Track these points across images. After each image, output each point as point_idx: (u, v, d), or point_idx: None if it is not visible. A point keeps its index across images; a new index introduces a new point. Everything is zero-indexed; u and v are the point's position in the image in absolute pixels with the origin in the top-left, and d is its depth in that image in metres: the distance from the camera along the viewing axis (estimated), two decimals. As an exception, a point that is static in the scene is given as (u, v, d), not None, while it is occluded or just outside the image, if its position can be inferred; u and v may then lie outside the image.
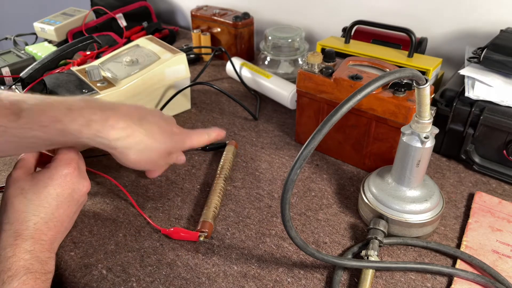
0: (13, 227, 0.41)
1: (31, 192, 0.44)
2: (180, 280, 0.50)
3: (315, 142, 0.39)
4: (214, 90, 0.95)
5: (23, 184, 0.44)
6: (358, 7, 0.97)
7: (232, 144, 0.72)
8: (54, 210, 0.45)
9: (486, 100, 0.62)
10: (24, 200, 0.43)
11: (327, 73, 0.65)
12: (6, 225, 0.41)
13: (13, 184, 0.44)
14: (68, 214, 0.47)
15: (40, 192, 0.44)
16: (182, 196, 0.64)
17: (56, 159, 0.47)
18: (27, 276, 0.39)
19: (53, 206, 0.45)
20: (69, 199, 0.47)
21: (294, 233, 0.44)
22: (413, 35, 0.73)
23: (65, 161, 0.47)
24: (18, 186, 0.44)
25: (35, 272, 0.40)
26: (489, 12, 0.80)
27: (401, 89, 0.59)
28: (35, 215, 0.43)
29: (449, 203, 0.62)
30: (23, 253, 0.40)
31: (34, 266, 0.40)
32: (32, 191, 0.44)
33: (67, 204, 0.47)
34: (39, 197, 0.44)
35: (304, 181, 0.67)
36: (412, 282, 0.50)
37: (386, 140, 0.63)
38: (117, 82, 0.74)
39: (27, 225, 0.42)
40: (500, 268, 0.51)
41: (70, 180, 0.47)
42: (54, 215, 0.45)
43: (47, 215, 0.44)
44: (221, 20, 1.04)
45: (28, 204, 0.43)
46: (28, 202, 0.43)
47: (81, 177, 0.49)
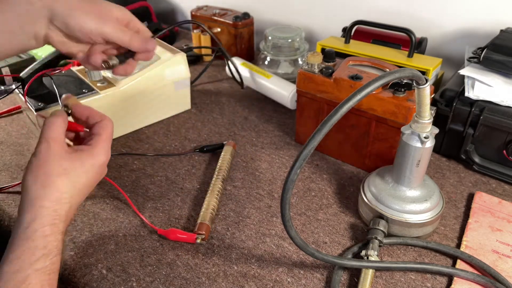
0: (54, 206, 0.41)
1: (74, 175, 0.43)
2: (180, 280, 0.50)
3: (315, 142, 0.39)
4: (214, 90, 0.95)
5: (65, 163, 0.43)
6: (358, 7, 0.97)
7: (230, 144, 0.72)
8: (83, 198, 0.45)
9: (486, 100, 0.62)
10: (67, 182, 0.42)
11: (327, 73, 0.65)
12: (47, 202, 0.40)
13: (55, 160, 0.42)
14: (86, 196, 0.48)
15: (81, 177, 0.44)
16: (182, 196, 0.64)
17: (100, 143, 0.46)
18: (57, 257, 0.40)
19: (83, 194, 0.45)
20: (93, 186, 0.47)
21: (294, 233, 0.44)
22: (413, 35, 0.73)
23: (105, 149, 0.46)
24: (61, 165, 0.42)
25: (61, 253, 0.41)
26: (489, 12, 0.80)
27: (401, 89, 0.59)
28: (71, 198, 0.43)
29: (449, 203, 0.62)
30: (58, 234, 0.41)
31: (61, 247, 0.41)
32: (75, 174, 0.43)
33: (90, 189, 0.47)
34: (79, 182, 0.43)
35: (304, 181, 0.67)
36: (412, 282, 0.50)
37: (386, 140, 0.63)
38: (117, 82, 0.74)
39: (65, 207, 0.42)
40: (500, 268, 0.51)
41: (104, 168, 0.47)
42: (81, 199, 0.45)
43: (78, 202, 0.44)
44: (221, 20, 1.04)
45: (70, 188, 0.43)
46: (71, 185, 0.43)
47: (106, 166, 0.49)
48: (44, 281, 0.38)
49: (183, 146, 0.76)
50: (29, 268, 0.37)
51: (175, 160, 0.72)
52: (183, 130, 0.80)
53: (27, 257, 0.38)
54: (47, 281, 0.38)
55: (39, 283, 0.37)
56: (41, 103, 0.70)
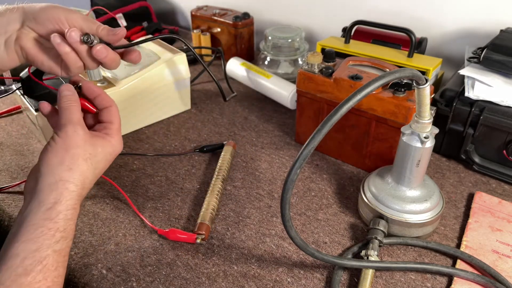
0: (78, 190, 0.42)
1: (95, 161, 0.44)
2: (180, 280, 0.50)
3: (315, 142, 0.39)
4: (214, 90, 0.95)
5: (89, 148, 0.44)
6: (358, 7, 0.97)
7: (230, 144, 0.72)
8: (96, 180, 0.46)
9: (486, 100, 0.62)
10: (91, 167, 0.43)
11: (327, 73, 0.65)
12: (72, 185, 0.41)
13: (81, 144, 0.43)
14: None
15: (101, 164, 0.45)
16: (182, 196, 0.64)
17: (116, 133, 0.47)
18: (72, 240, 0.41)
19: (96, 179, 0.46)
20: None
21: (294, 233, 0.44)
22: (413, 35, 0.73)
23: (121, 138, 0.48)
24: (87, 149, 0.43)
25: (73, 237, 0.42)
26: (489, 12, 0.80)
27: (401, 89, 0.59)
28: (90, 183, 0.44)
29: (449, 203, 0.62)
30: (76, 218, 0.41)
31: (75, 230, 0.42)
32: (96, 160, 0.44)
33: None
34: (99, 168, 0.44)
35: (304, 181, 0.67)
36: (412, 282, 0.50)
37: (386, 140, 0.63)
38: (117, 82, 0.74)
39: (84, 192, 0.43)
40: (500, 268, 0.51)
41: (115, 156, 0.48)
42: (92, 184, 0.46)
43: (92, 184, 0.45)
44: (221, 20, 1.04)
45: (92, 173, 0.43)
46: (93, 170, 0.43)
47: None
48: (59, 263, 0.39)
49: (183, 146, 0.76)
50: (48, 248, 0.38)
51: (175, 160, 0.72)
52: (183, 130, 0.80)
53: (47, 237, 0.38)
54: (62, 262, 0.39)
55: (55, 263, 0.38)
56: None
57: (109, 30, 0.48)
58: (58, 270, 0.38)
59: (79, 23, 0.47)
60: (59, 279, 0.38)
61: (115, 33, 0.48)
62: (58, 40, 0.46)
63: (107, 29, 0.48)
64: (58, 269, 0.38)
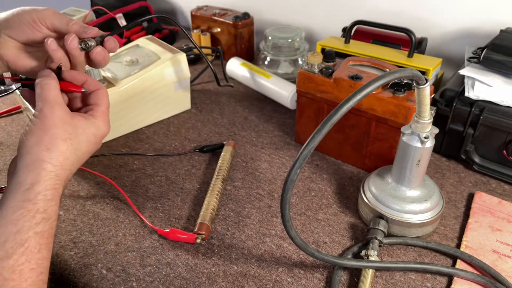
0: (56, 171, 0.40)
1: (76, 142, 0.43)
2: (180, 280, 0.50)
3: (315, 142, 0.39)
4: (214, 90, 0.95)
5: (70, 128, 0.43)
6: (358, 7, 0.97)
7: (230, 144, 0.72)
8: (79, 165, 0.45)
9: (486, 100, 0.62)
10: (71, 147, 0.42)
11: (327, 73, 0.65)
12: (49, 166, 0.40)
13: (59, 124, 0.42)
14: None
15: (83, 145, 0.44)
16: (182, 196, 0.64)
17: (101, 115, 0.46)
18: (55, 222, 0.40)
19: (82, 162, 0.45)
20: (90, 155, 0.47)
21: (294, 233, 0.44)
22: (413, 35, 0.73)
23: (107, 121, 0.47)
24: (66, 129, 0.42)
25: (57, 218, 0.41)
26: (489, 12, 0.80)
27: (401, 89, 0.59)
28: (73, 165, 0.43)
29: (449, 203, 0.62)
30: (58, 199, 0.40)
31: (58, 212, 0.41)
32: (77, 141, 0.43)
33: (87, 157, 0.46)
34: (80, 150, 0.43)
35: (304, 181, 0.67)
36: (412, 282, 0.50)
37: (386, 140, 0.63)
38: (117, 82, 0.74)
39: (66, 173, 0.42)
40: (500, 268, 0.51)
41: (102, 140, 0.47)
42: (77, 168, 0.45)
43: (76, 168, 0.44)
44: (221, 20, 1.04)
45: (73, 153, 0.42)
46: (74, 151, 0.42)
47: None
48: (42, 245, 0.38)
49: (183, 146, 0.76)
50: (29, 230, 0.37)
51: (175, 160, 0.72)
52: (183, 130, 0.80)
53: (27, 219, 0.37)
54: (45, 244, 0.38)
55: (38, 246, 0.37)
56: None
57: (80, 26, 0.47)
58: (42, 252, 0.38)
59: (51, 20, 0.47)
60: (43, 261, 0.38)
61: (87, 31, 0.47)
62: (54, 47, 0.46)
63: (78, 25, 0.47)
64: (41, 251, 0.38)
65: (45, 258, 0.38)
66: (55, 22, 0.47)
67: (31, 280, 0.36)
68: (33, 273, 0.36)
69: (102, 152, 0.73)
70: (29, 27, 0.46)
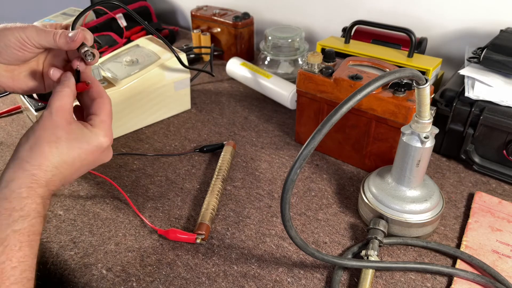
0: (33, 169, 0.41)
1: (65, 146, 0.42)
2: (180, 280, 0.50)
3: (315, 142, 0.39)
4: (214, 90, 0.95)
5: (60, 132, 0.43)
6: (358, 7, 0.97)
7: (230, 144, 0.72)
8: (74, 171, 0.45)
9: (486, 100, 0.62)
10: (55, 150, 0.42)
11: (327, 73, 0.65)
12: (27, 165, 0.40)
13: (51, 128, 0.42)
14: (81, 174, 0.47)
15: (73, 150, 0.43)
16: (182, 196, 0.64)
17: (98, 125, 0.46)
18: (36, 219, 0.40)
19: (76, 167, 0.44)
20: (90, 165, 0.46)
21: (294, 233, 0.44)
22: (413, 35, 0.73)
23: (106, 130, 0.46)
24: (54, 133, 0.42)
25: (41, 217, 0.41)
26: (489, 12, 0.80)
27: (401, 89, 0.59)
28: (57, 168, 0.42)
29: (449, 203, 0.62)
30: (36, 197, 0.40)
31: (43, 210, 0.41)
32: (66, 146, 0.42)
33: (86, 168, 0.46)
34: (68, 154, 0.43)
35: (304, 181, 0.67)
36: (412, 282, 0.50)
37: (386, 140, 0.63)
38: (117, 82, 0.74)
39: (46, 174, 0.41)
40: (500, 268, 0.51)
41: (104, 151, 0.46)
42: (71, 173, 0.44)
43: (67, 172, 0.43)
44: (221, 20, 1.04)
45: (56, 156, 0.42)
46: (58, 154, 0.42)
47: (110, 149, 0.48)
48: (23, 243, 0.38)
49: (183, 146, 0.76)
50: (7, 229, 0.37)
51: (175, 160, 0.72)
52: (183, 130, 0.80)
53: (4, 217, 0.37)
54: (27, 242, 0.38)
55: (18, 244, 0.37)
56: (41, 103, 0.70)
57: (66, 37, 0.46)
58: (23, 250, 0.38)
59: (36, 40, 0.46)
60: (26, 259, 0.38)
61: (74, 39, 0.46)
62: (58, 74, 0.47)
63: (64, 36, 0.47)
64: (22, 249, 0.37)
65: (28, 256, 0.38)
66: (41, 41, 0.46)
67: (14, 278, 0.36)
68: (16, 271, 0.36)
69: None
70: (17, 49, 0.46)
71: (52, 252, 0.54)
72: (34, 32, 0.46)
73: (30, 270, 0.38)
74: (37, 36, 0.46)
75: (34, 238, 0.39)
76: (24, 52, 0.46)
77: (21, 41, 0.46)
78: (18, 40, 0.45)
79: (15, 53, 0.46)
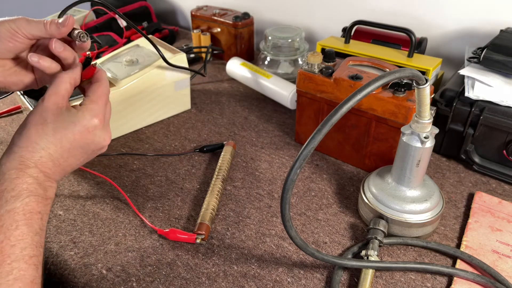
0: (20, 151, 0.42)
1: (51, 128, 0.43)
2: (180, 280, 0.50)
3: (315, 142, 0.39)
4: (214, 90, 0.95)
5: (48, 115, 0.44)
6: (358, 7, 0.97)
7: (230, 144, 0.72)
8: (65, 151, 0.45)
9: (486, 100, 0.62)
10: (40, 131, 0.43)
11: (327, 73, 0.65)
12: (16, 148, 0.42)
13: (40, 111, 0.44)
14: (79, 159, 0.47)
15: (59, 131, 0.44)
16: (182, 196, 0.64)
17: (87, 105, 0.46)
18: (30, 198, 0.40)
19: (65, 148, 0.44)
20: (85, 148, 0.46)
21: (294, 233, 0.44)
22: (413, 35, 0.73)
23: (93, 111, 0.46)
24: (42, 116, 0.43)
25: (37, 195, 0.41)
26: (489, 12, 0.80)
27: (401, 89, 0.59)
28: (44, 149, 0.43)
29: (449, 203, 0.62)
30: (27, 177, 0.41)
31: (37, 190, 0.41)
32: (52, 127, 0.43)
33: (81, 151, 0.46)
34: (55, 135, 0.43)
35: (304, 181, 0.67)
36: (412, 282, 0.50)
37: (386, 140, 0.63)
38: (117, 82, 0.74)
39: (33, 155, 0.42)
40: (500, 268, 0.51)
41: (93, 132, 0.46)
42: (63, 155, 0.45)
43: (56, 153, 0.44)
44: (221, 20, 1.04)
45: (42, 137, 0.43)
46: (43, 134, 0.43)
47: (104, 130, 0.48)
48: (19, 221, 0.38)
49: (183, 146, 0.76)
50: (0, 209, 0.38)
51: (175, 160, 0.72)
52: (183, 130, 0.80)
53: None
54: (23, 221, 0.39)
55: (14, 223, 0.38)
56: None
57: (57, 24, 0.47)
58: (20, 228, 0.38)
59: (27, 30, 0.47)
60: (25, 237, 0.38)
61: (64, 24, 0.47)
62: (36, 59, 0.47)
63: (55, 24, 0.47)
64: (19, 227, 0.38)
65: (26, 234, 0.39)
66: (32, 30, 0.47)
67: (14, 256, 0.37)
68: (15, 249, 0.37)
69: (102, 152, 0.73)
70: (8, 40, 0.46)
71: (52, 252, 0.54)
72: (24, 22, 0.46)
73: (31, 247, 0.39)
74: (28, 26, 0.46)
75: (32, 217, 0.40)
76: (15, 43, 0.47)
77: (12, 31, 0.46)
78: (8, 30, 0.46)
79: (6, 44, 0.47)
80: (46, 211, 0.42)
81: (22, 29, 0.46)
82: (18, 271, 0.37)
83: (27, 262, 0.38)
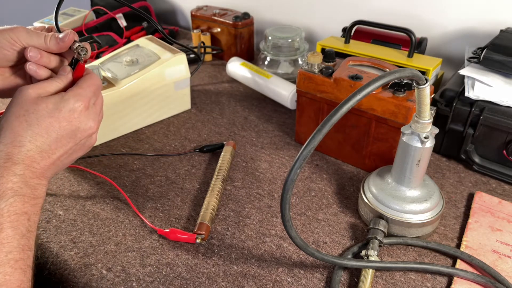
0: (6, 149, 0.40)
1: (34, 117, 0.41)
2: (180, 280, 0.50)
3: (315, 142, 0.39)
4: (214, 90, 0.95)
5: (29, 106, 0.42)
6: (358, 7, 0.97)
7: (230, 144, 0.72)
8: (52, 142, 0.43)
9: (486, 100, 0.62)
10: (24, 123, 0.41)
11: (327, 73, 0.65)
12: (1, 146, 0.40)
13: (20, 103, 0.42)
14: (67, 150, 0.45)
15: (43, 120, 0.42)
16: (182, 196, 0.64)
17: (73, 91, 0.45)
18: (15, 198, 0.39)
19: (52, 138, 0.43)
20: (71, 136, 0.45)
21: (294, 233, 0.44)
22: (413, 35, 0.73)
23: (78, 96, 0.45)
24: (23, 107, 0.41)
25: (23, 195, 0.39)
26: (489, 12, 0.80)
27: (401, 89, 0.59)
28: (30, 142, 0.41)
29: (449, 203, 0.62)
30: (12, 176, 0.39)
31: (23, 189, 0.40)
32: (35, 117, 0.42)
33: (68, 139, 0.44)
34: (39, 125, 0.42)
35: (304, 181, 0.67)
36: (412, 282, 0.50)
37: (386, 140, 0.63)
38: (117, 82, 0.74)
39: (20, 149, 0.41)
40: (500, 268, 0.51)
41: (78, 117, 0.44)
42: (51, 146, 0.43)
43: (44, 144, 0.42)
44: (221, 20, 1.04)
45: (27, 129, 0.41)
46: (28, 126, 0.41)
47: (89, 117, 0.46)
48: (3, 224, 0.37)
49: (183, 146, 0.76)
50: None
51: (175, 160, 0.72)
52: (183, 130, 0.80)
53: None
54: (8, 223, 0.38)
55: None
56: None
57: (56, 39, 0.47)
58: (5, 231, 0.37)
59: (25, 40, 0.46)
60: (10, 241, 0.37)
61: (64, 40, 0.47)
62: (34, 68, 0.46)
63: (54, 38, 0.47)
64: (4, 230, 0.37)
65: (11, 236, 0.37)
66: (31, 42, 0.46)
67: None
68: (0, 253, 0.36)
69: (102, 152, 0.73)
70: (6, 49, 0.46)
71: (52, 252, 0.54)
72: (24, 33, 0.46)
73: (17, 251, 0.37)
74: (28, 37, 0.46)
75: (17, 218, 0.38)
76: (14, 52, 0.47)
77: (11, 41, 0.46)
78: (8, 40, 0.46)
79: (5, 53, 0.46)
80: (34, 211, 0.41)
81: (21, 39, 0.46)
82: (3, 276, 0.36)
83: (12, 267, 0.36)
